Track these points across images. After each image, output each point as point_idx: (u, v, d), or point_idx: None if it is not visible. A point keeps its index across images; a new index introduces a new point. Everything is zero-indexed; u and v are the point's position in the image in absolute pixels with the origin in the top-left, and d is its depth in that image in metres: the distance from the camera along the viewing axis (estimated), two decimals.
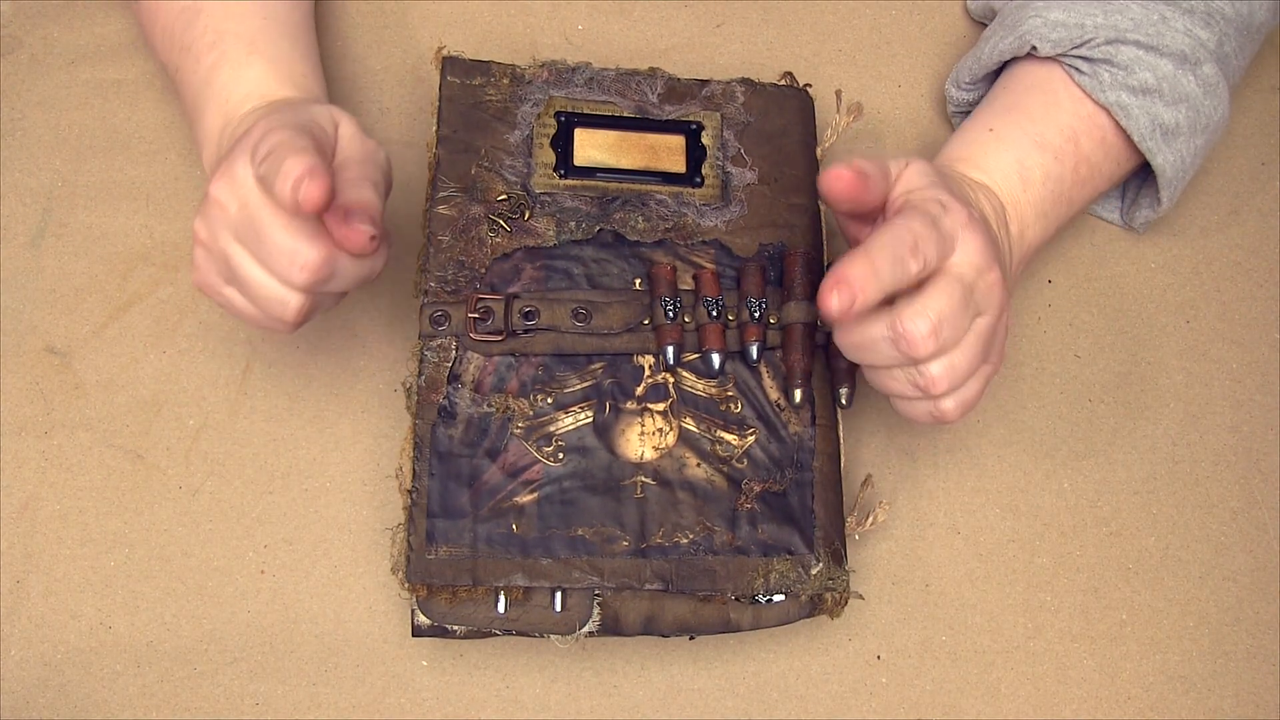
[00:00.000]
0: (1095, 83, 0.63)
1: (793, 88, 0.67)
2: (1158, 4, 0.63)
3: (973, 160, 0.63)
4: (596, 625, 0.56)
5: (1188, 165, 0.66)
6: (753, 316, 0.59)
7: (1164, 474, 0.67)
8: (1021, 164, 0.62)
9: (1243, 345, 0.70)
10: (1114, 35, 0.62)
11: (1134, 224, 0.71)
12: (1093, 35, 0.62)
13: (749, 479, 0.58)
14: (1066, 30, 0.63)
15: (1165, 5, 0.63)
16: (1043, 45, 0.63)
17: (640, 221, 0.62)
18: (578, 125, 0.64)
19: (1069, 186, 0.64)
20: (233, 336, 0.65)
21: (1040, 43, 0.63)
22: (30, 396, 0.63)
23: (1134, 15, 0.62)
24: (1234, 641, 0.64)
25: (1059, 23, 0.63)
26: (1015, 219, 0.62)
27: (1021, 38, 0.64)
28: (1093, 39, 0.62)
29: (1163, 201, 0.67)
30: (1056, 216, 0.65)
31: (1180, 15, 0.63)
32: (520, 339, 0.59)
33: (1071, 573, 0.64)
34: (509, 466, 0.57)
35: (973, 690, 0.62)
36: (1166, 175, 0.65)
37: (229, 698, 0.59)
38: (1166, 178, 0.65)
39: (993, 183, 0.62)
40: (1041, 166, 0.63)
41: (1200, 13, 0.63)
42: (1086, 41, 0.62)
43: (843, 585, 0.57)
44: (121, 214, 0.67)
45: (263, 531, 0.62)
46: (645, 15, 0.75)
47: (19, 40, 0.71)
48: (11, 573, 0.60)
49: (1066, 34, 0.63)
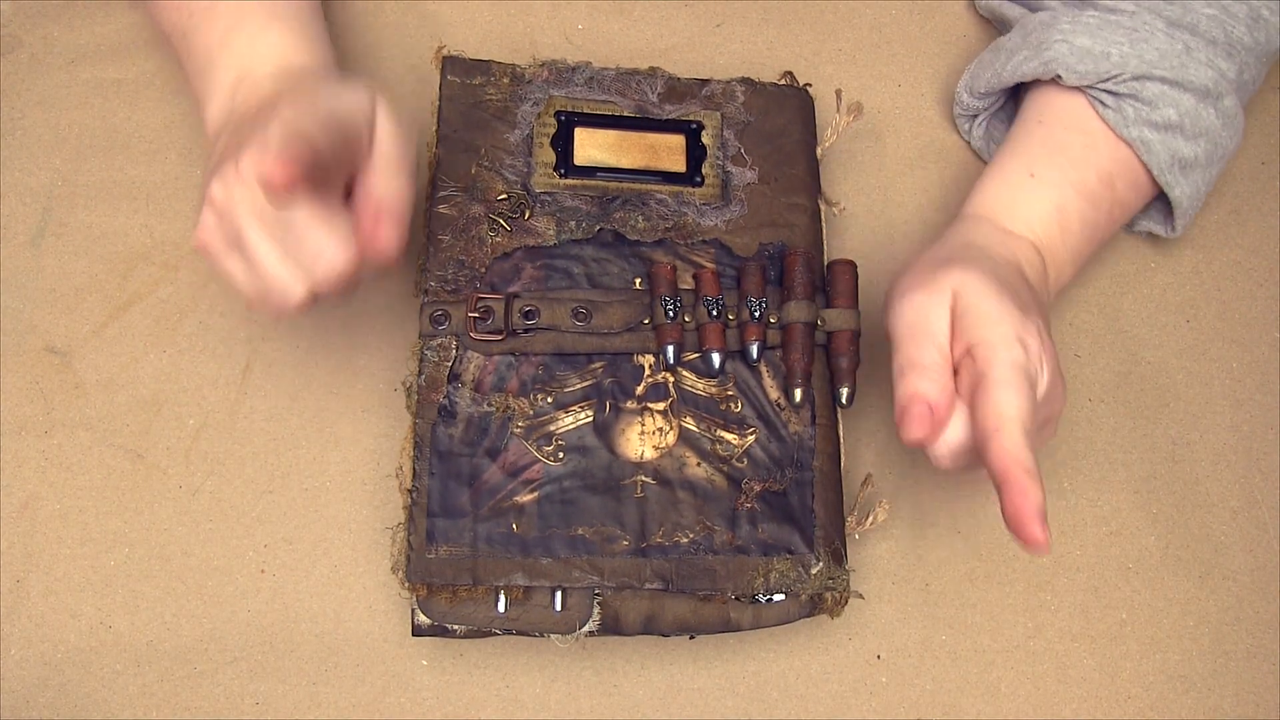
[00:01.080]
0: (1120, 117, 0.62)
1: (793, 87, 0.67)
2: (1182, 33, 0.62)
3: (1013, 208, 0.62)
4: (596, 625, 0.56)
5: (1201, 194, 0.66)
6: (753, 316, 0.59)
7: (1164, 474, 0.67)
8: (1062, 212, 0.62)
9: (1243, 345, 0.70)
10: (1141, 70, 0.62)
11: (1134, 230, 0.71)
12: (1120, 70, 0.62)
13: (749, 478, 0.58)
14: (1094, 61, 0.62)
15: (1189, 35, 0.62)
16: (1069, 75, 0.63)
17: (640, 221, 0.62)
18: (578, 125, 0.64)
19: (1102, 230, 0.64)
20: (233, 336, 0.65)
21: (1066, 73, 0.63)
22: (30, 396, 0.63)
23: (1159, 45, 0.62)
24: (1234, 641, 0.64)
25: (1086, 52, 0.62)
26: (1053, 266, 0.62)
27: (1047, 64, 0.63)
28: (1120, 74, 0.62)
29: (1176, 229, 0.68)
30: (1088, 256, 0.65)
31: (1204, 46, 0.62)
32: (520, 338, 0.59)
33: (1071, 572, 0.64)
34: (509, 466, 0.57)
35: (973, 690, 0.62)
36: (1183, 206, 0.66)
37: (229, 697, 0.59)
38: (1182, 209, 0.66)
39: (1034, 235, 0.61)
40: (1079, 213, 0.62)
41: (1222, 43, 0.63)
42: (1114, 76, 0.62)
43: (843, 585, 0.57)
44: (121, 214, 0.67)
45: (263, 531, 0.62)
46: (645, 15, 0.75)
47: (19, 40, 0.71)
48: (11, 573, 0.60)
49: (1094, 66, 0.62)
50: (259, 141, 0.49)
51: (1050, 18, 0.65)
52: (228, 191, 0.51)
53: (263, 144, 0.49)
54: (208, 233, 0.52)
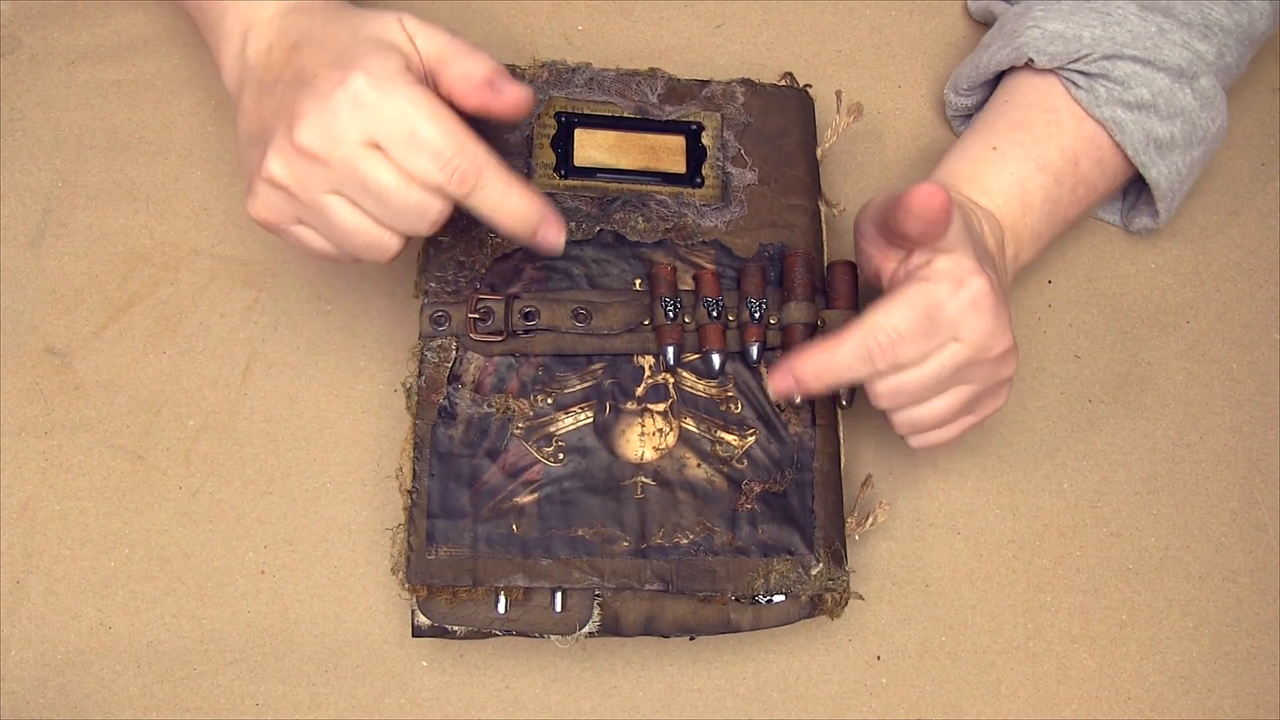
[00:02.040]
0: (1091, 97, 0.63)
1: (793, 88, 0.67)
2: (1155, 16, 0.63)
3: (976, 180, 0.62)
4: (596, 625, 0.56)
5: (1184, 177, 0.66)
6: (753, 317, 0.59)
7: (1164, 474, 0.67)
8: (1023, 187, 0.62)
9: (1243, 345, 0.70)
10: (1111, 50, 0.62)
11: (1131, 229, 0.71)
12: (1090, 50, 0.62)
13: (749, 479, 0.58)
14: (1064, 43, 0.62)
15: (1163, 18, 0.63)
16: (1040, 58, 0.63)
17: (640, 222, 0.62)
18: (578, 126, 0.64)
19: (1065, 207, 0.64)
20: (233, 336, 0.65)
21: (1037, 55, 0.63)
22: (30, 396, 0.63)
23: (1132, 28, 0.62)
24: (1234, 641, 0.64)
25: (1057, 34, 0.63)
26: (1013, 241, 0.62)
27: (1019, 49, 0.64)
28: (1090, 54, 0.62)
29: (1160, 214, 0.67)
30: (1050, 236, 0.65)
31: (1178, 28, 0.62)
32: (520, 339, 0.59)
33: (1071, 573, 0.64)
34: (509, 467, 0.57)
35: (973, 690, 0.62)
36: (1161, 188, 0.65)
37: (229, 698, 0.59)
38: (1161, 190, 0.65)
39: (995, 207, 0.62)
40: (1042, 189, 0.63)
41: (1198, 25, 0.63)
42: (1084, 56, 0.62)
43: (843, 586, 0.57)
44: (121, 214, 0.67)
45: (263, 532, 0.62)
46: (645, 15, 0.75)
47: (19, 40, 0.71)
48: (11, 573, 0.60)
49: (1064, 47, 0.62)
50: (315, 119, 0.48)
51: (1024, 7, 0.66)
52: (292, 170, 0.49)
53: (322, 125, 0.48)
54: (268, 209, 0.51)
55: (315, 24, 0.53)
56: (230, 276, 0.66)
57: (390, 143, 0.49)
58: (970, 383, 0.55)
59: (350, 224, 0.50)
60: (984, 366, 0.54)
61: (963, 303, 0.52)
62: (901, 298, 0.53)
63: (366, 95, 0.48)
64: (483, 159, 0.50)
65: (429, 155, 0.49)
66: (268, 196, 0.51)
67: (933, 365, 0.53)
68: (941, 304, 0.52)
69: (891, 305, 0.53)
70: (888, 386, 0.54)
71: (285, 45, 0.52)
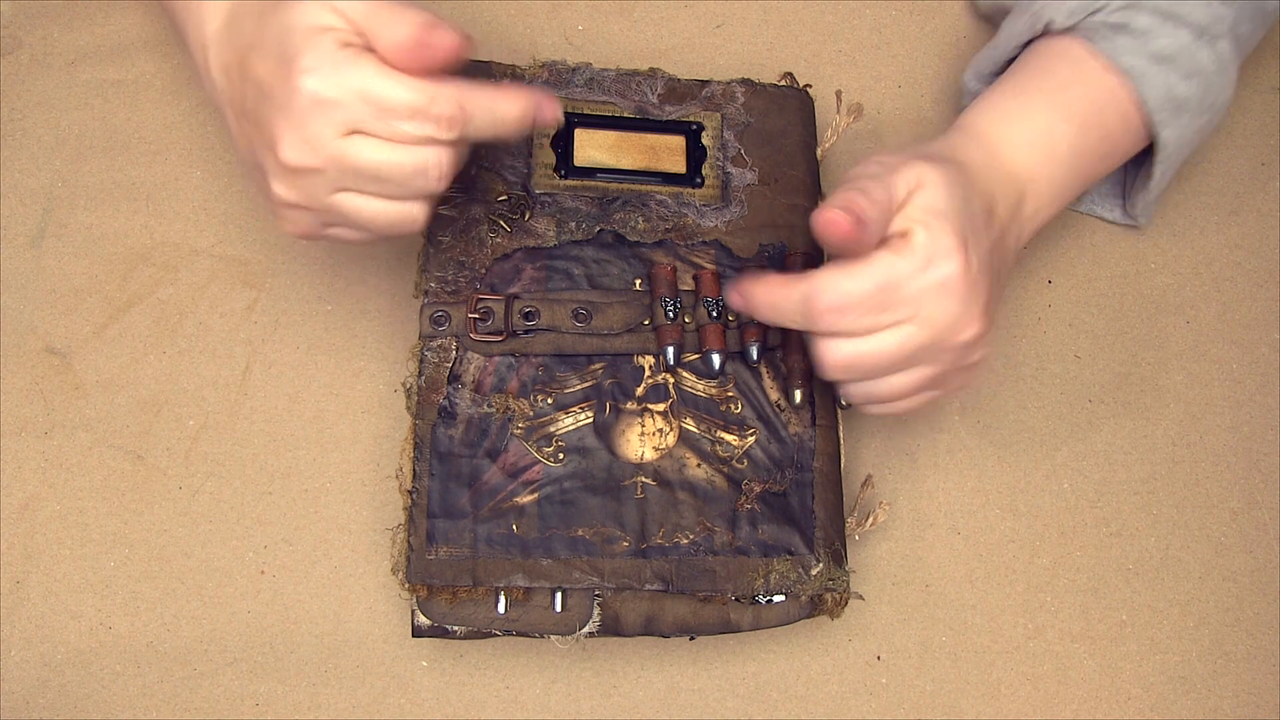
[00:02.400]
0: (1113, 47, 0.61)
1: (793, 88, 0.67)
2: None
3: (994, 132, 0.60)
4: (596, 626, 0.56)
5: (1185, 145, 0.64)
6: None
7: (1164, 474, 0.67)
8: (1048, 133, 0.60)
9: (1243, 345, 0.70)
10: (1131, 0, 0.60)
11: (1134, 213, 0.70)
12: (1107, 1, 0.60)
13: (749, 479, 0.58)
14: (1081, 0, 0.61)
15: None
16: (1058, 16, 0.61)
17: (640, 222, 0.62)
18: (578, 125, 0.64)
19: (1089, 161, 0.62)
20: (233, 337, 0.65)
21: (1055, 14, 0.61)
22: (30, 396, 0.63)
23: None
24: (1234, 641, 0.64)
25: None
26: (1033, 196, 0.60)
27: (1036, 15, 0.62)
28: (1107, 5, 0.60)
29: (1154, 177, 0.65)
30: (1071, 192, 0.63)
31: None
32: (520, 339, 0.59)
33: (1071, 573, 0.64)
34: (509, 467, 0.57)
35: (973, 690, 0.62)
36: (1167, 150, 0.64)
37: (229, 698, 0.59)
38: (1166, 153, 0.64)
39: (1017, 156, 0.60)
40: (1067, 140, 0.61)
41: None
42: (1101, 8, 0.61)
43: (843, 586, 0.57)
44: (121, 214, 0.67)
45: (263, 531, 0.62)
46: (645, 15, 0.75)
47: (19, 40, 0.71)
48: (11, 573, 0.60)
49: (1081, 3, 0.61)
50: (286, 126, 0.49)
51: None
52: (293, 188, 0.51)
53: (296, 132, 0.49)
54: (295, 227, 0.54)
55: (250, 29, 0.52)
56: (230, 276, 0.66)
57: (366, 122, 0.49)
58: (932, 365, 0.54)
59: (368, 212, 0.52)
60: (947, 351, 0.53)
61: (928, 284, 0.51)
62: (863, 263, 0.51)
63: (322, 91, 0.48)
64: (456, 94, 0.50)
65: (405, 115, 0.49)
66: (288, 216, 0.53)
67: (886, 342, 0.52)
68: (903, 280, 0.51)
69: (850, 269, 0.51)
70: (837, 358, 0.53)
71: (236, 62, 0.53)
